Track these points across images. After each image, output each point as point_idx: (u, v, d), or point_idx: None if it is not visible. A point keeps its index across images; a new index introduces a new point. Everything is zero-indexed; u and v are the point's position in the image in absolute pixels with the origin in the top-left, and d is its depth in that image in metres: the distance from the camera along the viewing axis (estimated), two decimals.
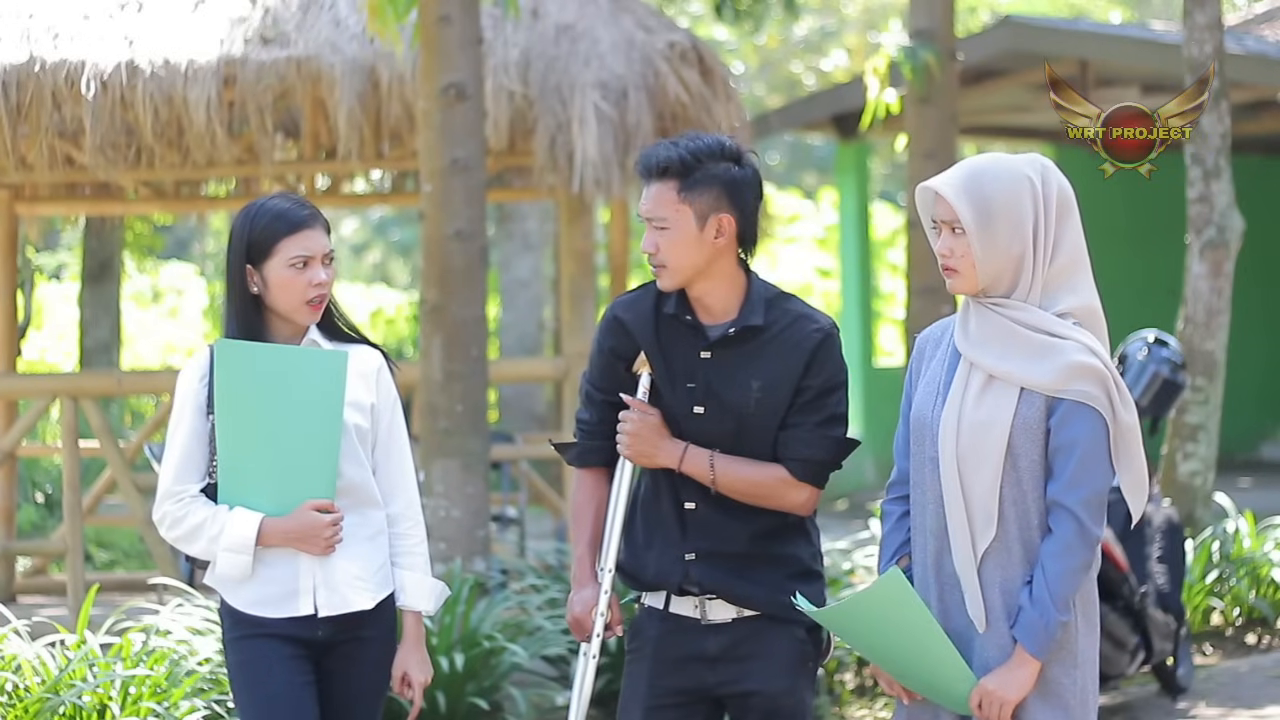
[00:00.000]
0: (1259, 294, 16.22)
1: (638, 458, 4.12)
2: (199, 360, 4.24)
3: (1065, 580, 3.64)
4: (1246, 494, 12.22)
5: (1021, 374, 3.66)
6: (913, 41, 9.82)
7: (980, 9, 26.26)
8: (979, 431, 3.67)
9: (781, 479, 4.08)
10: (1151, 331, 7.89)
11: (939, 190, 3.71)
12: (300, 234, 4.15)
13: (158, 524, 4.21)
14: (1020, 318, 3.68)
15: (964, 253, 3.69)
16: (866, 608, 3.77)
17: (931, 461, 3.75)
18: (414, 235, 26.47)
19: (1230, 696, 7.70)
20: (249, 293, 4.16)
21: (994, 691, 3.67)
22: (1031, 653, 3.65)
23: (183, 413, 4.21)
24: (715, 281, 4.10)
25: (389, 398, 4.28)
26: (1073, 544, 3.64)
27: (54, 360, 22.44)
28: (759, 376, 4.08)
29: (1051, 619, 3.63)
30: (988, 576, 3.70)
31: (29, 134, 9.33)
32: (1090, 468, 3.64)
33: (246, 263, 4.15)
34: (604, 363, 4.21)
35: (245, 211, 4.22)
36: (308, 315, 4.19)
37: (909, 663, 3.78)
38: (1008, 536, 3.69)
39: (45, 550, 10.49)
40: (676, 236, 4.04)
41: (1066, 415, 3.65)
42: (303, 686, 4.18)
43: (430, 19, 7.68)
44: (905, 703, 3.86)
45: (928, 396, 3.78)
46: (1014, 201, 3.68)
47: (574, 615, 4.19)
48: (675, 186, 4.04)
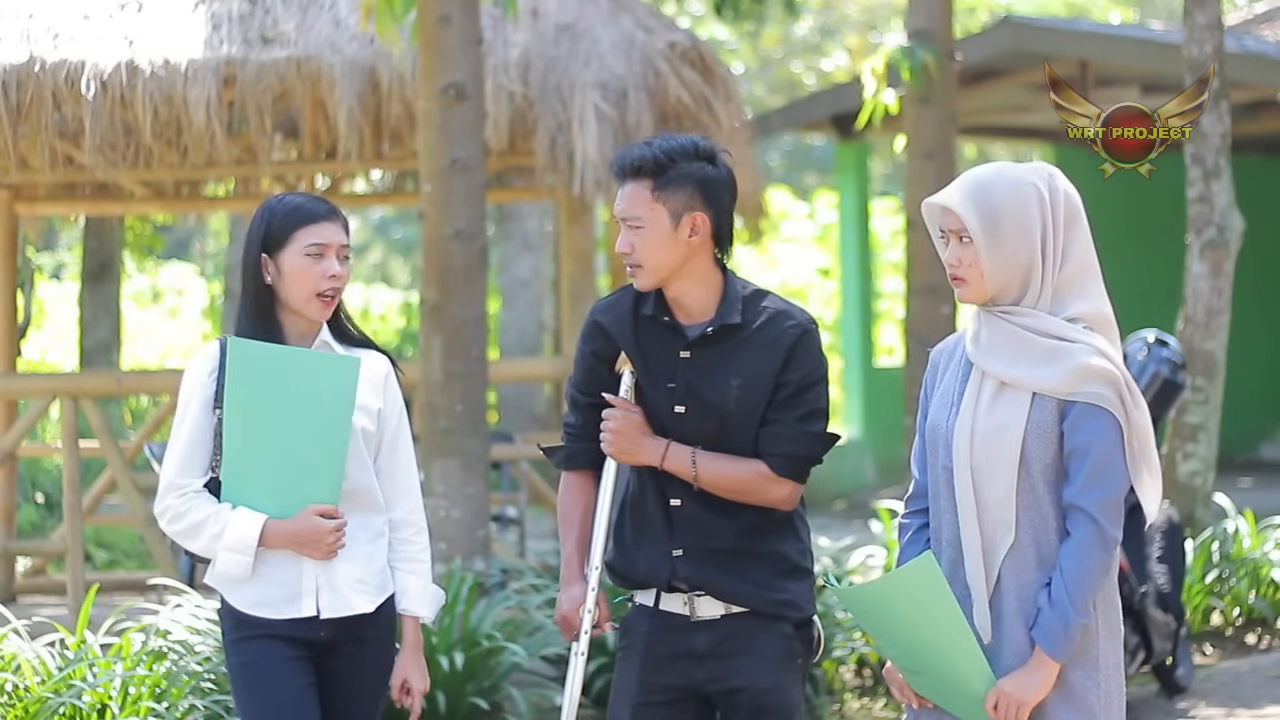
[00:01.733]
0: (1259, 294, 16.23)
1: (620, 455, 4.13)
2: (208, 353, 4.24)
3: (1084, 583, 3.64)
4: (1246, 494, 12.22)
5: (1032, 379, 3.67)
6: (911, 41, 9.82)
7: (980, 9, 26.26)
8: (992, 438, 3.68)
9: (762, 474, 4.09)
10: (1151, 331, 7.89)
11: (944, 203, 3.72)
12: (318, 224, 4.20)
13: (159, 516, 4.21)
14: (1029, 324, 3.70)
15: (972, 262, 3.70)
16: (895, 591, 3.75)
17: (946, 471, 3.76)
18: (414, 234, 26.47)
19: (1230, 696, 7.70)
20: (263, 284, 4.18)
21: (1012, 693, 3.67)
22: (1050, 654, 3.65)
23: (189, 406, 4.21)
24: (692, 281, 4.11)
25: (396, 404, 4.30)
26: (1091, 546, 3.65)
27: (54, 360, 22.45)
28: (738, 374, 4.09)
29: (1071, 621, 3.63)
30: (1004, 583, 3.70)
31: (29, 134, 9.33)
32: (1106, 470, 3.65)
33: (262, 251, 4.17)
34: (587, 366, 4.25)
35: (265, 204, 4.26)
36: (319, 310, 4.20)
37: (928, 656, 3.76)
38: (1023, 542, 3.70)
39: (45, 550, 10.49)
40: (651, 235, 4.06)
41: (1079, 418, 3.65)
42: (304, 689, 4.18)
43: (430, 19, 7.68)
44: (914, 707, 3.85)
45: (942, 407, 3.80)
46: (1021, 210, 3.68)
47: (562, 613, 4.22)
48: (649, 186, 4.07)
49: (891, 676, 3.89)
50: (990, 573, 3.70)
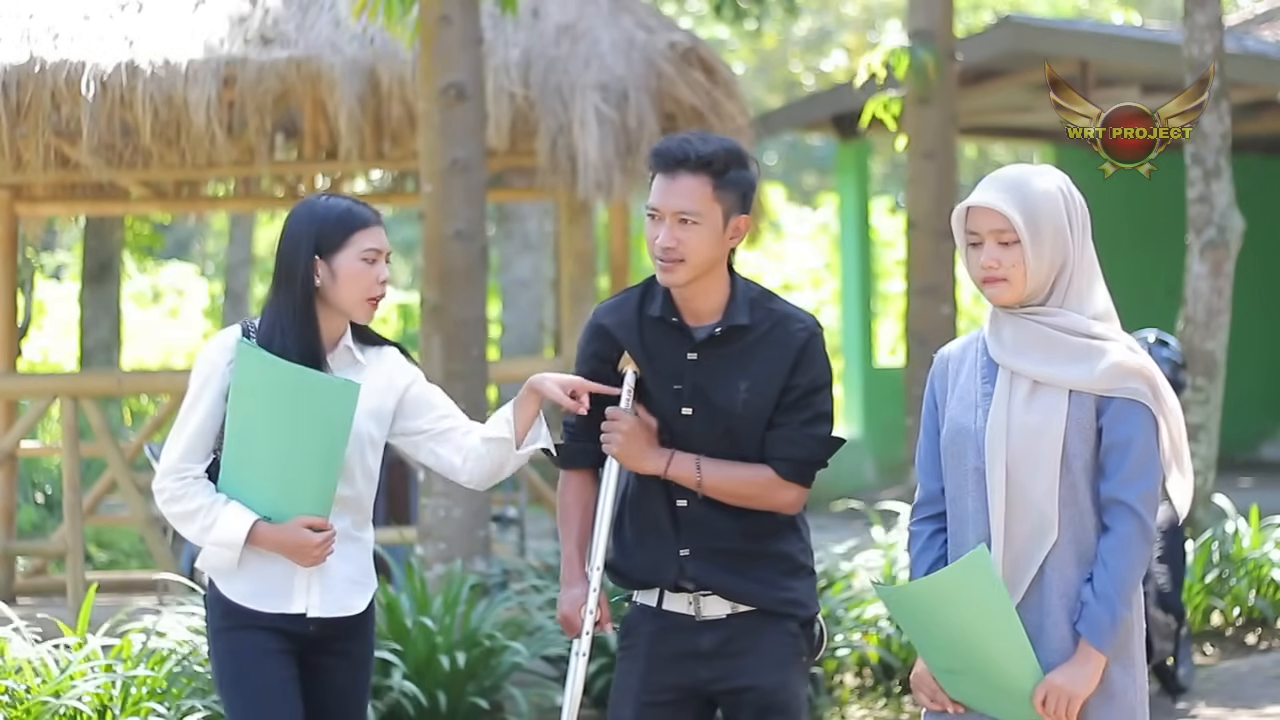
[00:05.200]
0: (1259, 294, 16.22)
1: (625, 460, 4.13)
2: (228, 341, 4.22)
3: (1129, 575, 3.67)
4: (1246, 494, 12.22)
5: (1068, 376, 3.69)
6: (912, 41, 9.82)
7: (984, 8, 26.26)
8: (1033, 437, 3.69)
9: (769, 480, 4.09)
10: (1152, 331, 7.89)
11: (989, 204, 3.72)
12: (374, 229, 4.23)
13: (156, 494, 4.23)
14: (1057, 323, 3.72)
15: (1015, 262, 3.71)
16: (945, 588, 3.73)
17: (976, 472, 3.75)
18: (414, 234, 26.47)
19: (1230, 696, 7.70)
20: (310, 285, 4.18)
21: (1062, 686, 3.66)
22: (1097, 647, 3.66)
23: (203, 392, 4.21)
24: (711, 281, 4.10)
25: (410, 374, 4.32)
26: (1134, 539, 3.67)
27: (54, 360, 22.45)
28: (746, 377, 4.08)
29: (1117, 613, 3.65)
30: (1048, 580, 3.71)
31: (28, 134, 9.33)
32: (1145, 464, 3.68)
33: (315, 254, 4.17)
34: (589, 369, 4.22)
35: (309, 205, 4.25)
36: (367, 313, 4.23)
37: (973, 655, 3.74)
38: (1063, 540, 3.71)
39: (45, 550, 10.49)
40: (704, 232, 4.04)
41: (1118, 413, 3.68)
42: (290, 681, 4.21)
43: (430, 19, 7.68)
44: (950, 712, 3.82)
45: (965, 410, 3.79)
46: (1056, 211, 3.72)
47: (564, 613, 4.21)
48: (711, 183, 4.04)
49: (922, 682, 3.86)
50: (1030, 571, 3.70)
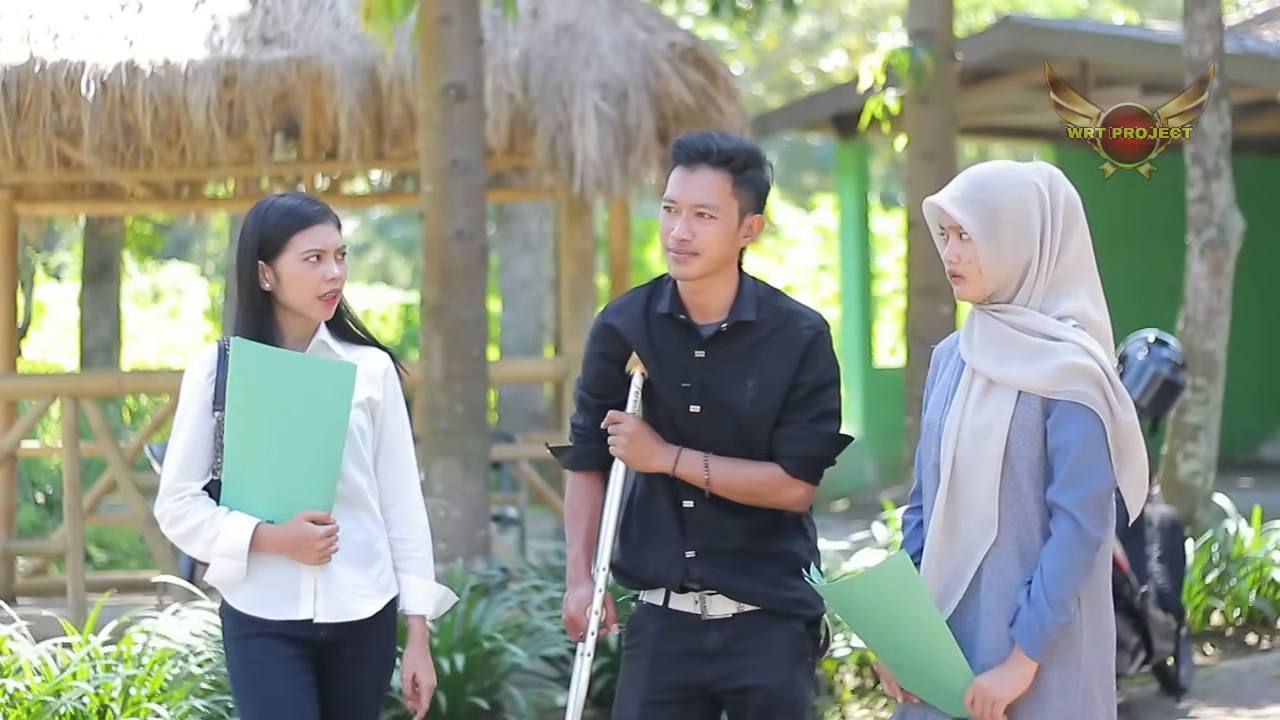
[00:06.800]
0: (1259, 294, 16.21)
1: (632, 461, 4.13)
2: (207, 356, 4.24)
3: (1061, 580, 3.63)
4: (1247, 494, 12.22)
5: (1018, 377, 3.68)
6: (912, 42, 9.82)
7: (984, 8, 26.26)
8: (979, 436, 3.69)
9: (777, 478, 4.10)
10: (1151, 331, 7.89)
11: (939, 203, 3.74)
12: (313, 229, 4.17)
13: (159, 519, 4.22)
14: (1018, 322, 3.70)
15: (970, 259, 3.71)
16: (871, 588, 3.76)
17: (934, 468, 3.77)
18: (414, 234, 26.47)
19: (1231, 696, 7.70)
20: (260, 290, 4.17)
21: (988, 689, 3.67)
22: (1027, 652, 3.65)
23: (188, 409, 4.21)
24: (721, 278, 4.11)
25: (395, 400, 4.29)
26: (1069, 544, 3.64)
27: (54, 360, 22.45)
28: (753, 375, 4.09)
29: (1047, 619, 3.63)
30: (986, 580, 3.71)
31: (29, 134, 9.33)
32: (1087, 468, 3.65)
33: (259, 259, 4.16)
34: (597, 369, 4.22)
35: (256, 209, 4.23)
36: (321, 310, 4.20)
37: (908, 652, 3.77)
38: (1005, 540, 3.70)
39: (45, 550, 10.49)
40: (720, 227, 4.06)
41: (1062, 416, 3.65)
42: (304, 688, 4.18)
43: (430, 19, 7.68)
44: (900, 701, 3.86)
45: (937, 405, 3.81)
46: (1020, 209, 3.70)
47: (569, 614, 4.21)
48: (731, 179, 4.07)
49: (880, 669, 3.91)
50: (969, 569, 3.71)
